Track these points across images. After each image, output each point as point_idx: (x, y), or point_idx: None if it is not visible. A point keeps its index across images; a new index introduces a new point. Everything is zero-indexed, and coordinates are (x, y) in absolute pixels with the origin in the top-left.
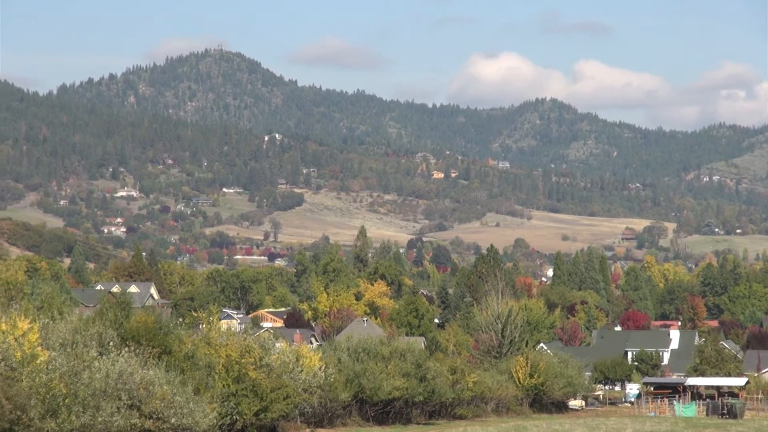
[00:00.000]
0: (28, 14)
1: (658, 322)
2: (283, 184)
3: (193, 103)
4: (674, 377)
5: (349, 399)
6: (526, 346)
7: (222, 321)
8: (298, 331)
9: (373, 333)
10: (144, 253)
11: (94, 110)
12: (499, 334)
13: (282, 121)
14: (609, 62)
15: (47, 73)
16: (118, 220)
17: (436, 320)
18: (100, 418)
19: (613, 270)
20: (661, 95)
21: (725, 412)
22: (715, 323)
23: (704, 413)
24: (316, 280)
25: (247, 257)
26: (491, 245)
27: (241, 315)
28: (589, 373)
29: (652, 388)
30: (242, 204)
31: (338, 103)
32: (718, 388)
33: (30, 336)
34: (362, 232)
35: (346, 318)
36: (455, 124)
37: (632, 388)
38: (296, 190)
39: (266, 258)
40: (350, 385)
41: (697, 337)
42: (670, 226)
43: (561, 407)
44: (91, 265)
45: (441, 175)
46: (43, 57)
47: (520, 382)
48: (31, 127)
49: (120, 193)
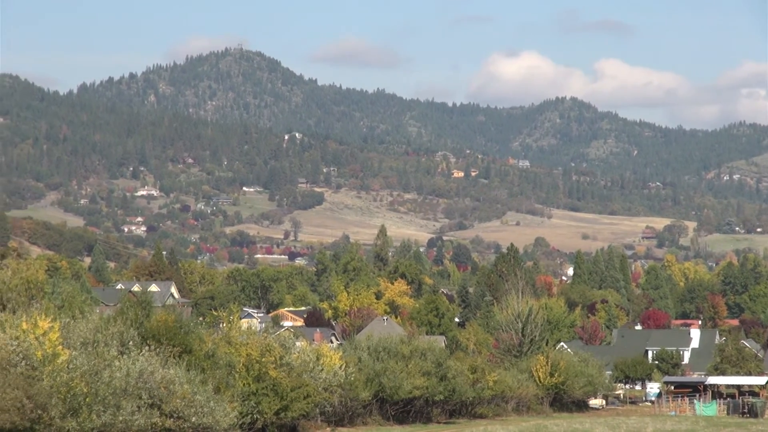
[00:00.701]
0: (48, 13)
1: (679, 321)
2: (303, 183)
3: (214, 102)
4: (695, 376)
5: (370, 398)
6: (546, 345)
7: (242, 320)
8: (318, 330)
9: (393, 332)
10: (164, 252)
11: (115, 109)
12: (520, 333)
13: (302, 120)
14: (629, 61)
15: (67, 72)
16: (139, 219)
17: (456, 319)
18: (120, 417)
19: (633, 269)
20: (681, 94)
21: (746, 411)
22: (735, 322)
23: (725, 412)
24: (337, 279)
25: (268, 256)
26: (511, 244)
27: (261, 314)
28: (610, 372)
29: (672, 387)
30: (262, 203)
31: (358, 102)
32: (738, 387)
33: (51, 335)
34: (382, 231)
35: (367, 317)
36: (475, 123)
37: (653, 387)
38: (316, 189)
39: (286, 257)
40: (370, 384)
41: (717, 336)
42: (691, 224)
43: (581, 406)
44: (112, 264)
45: (461, 174)
46: (63, 56)
47: (540, 381)
48: (52, 126)
49: (140, 192)
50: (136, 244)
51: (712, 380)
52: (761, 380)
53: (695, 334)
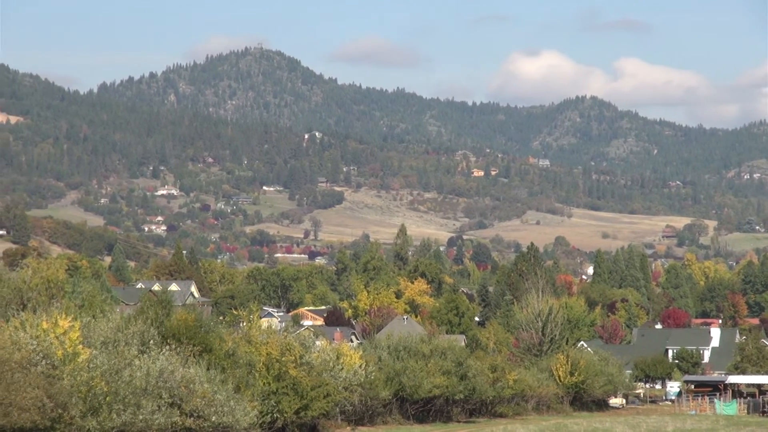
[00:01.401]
0: (68, 13)
1: (699, 320)
2: (323, 182)
3: (233, 102)
4: (715, 375)
5: (390, 397)
6: (566, 344)
7: (262, 319)
8: (338, 329)
9: (413, 331)
10: (184, 252)
11: (135, 109)
12: (540, 332)
13: (322, 120)
14: (649, 60)
15: (88, 71)
16: (159, 218)
17: (476, 318)
18: (140, 416)
19: (653, 268)
20: (701, 93)
21: (766, 410)
22: (755, 321)
23: (745, 411)
24: (357, 278)
25: (288, 255)
26: (531, 243)
27: (281, 313)
28: (630, 371)
29: (692, 386)
30: (282, 202)
31: (378, 101)
32: (759, 386)
33: (71, 334)
34: (402, 230)
35: (387, 316)
36: (495, 122)
37: (673, 386)
38: (336, 188)
39: (306, 256)
40: (390, 383)
41: (737, 335)
42: (711, 223)
43: (601, 405)
44: (132, 264)
45: (481, 173)
46: (83, 55)
47: (560, 381)
48: (72, 125)
49: (160, 192)
50: (156, 244)
51: (733, 379)
52: None
53: (715, 333)
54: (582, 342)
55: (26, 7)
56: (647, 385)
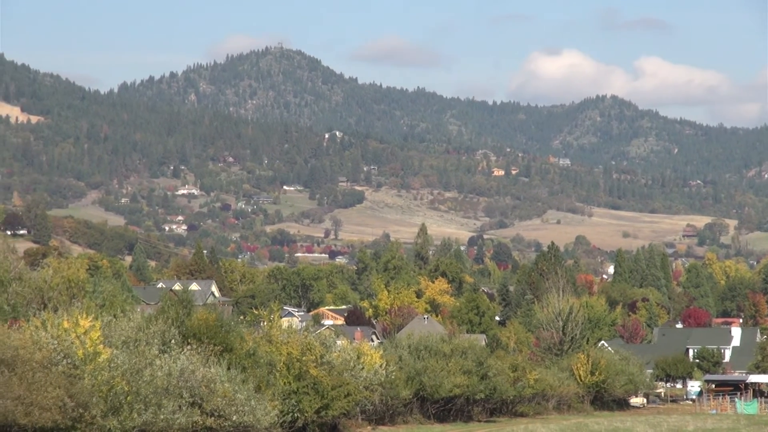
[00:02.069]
0: (89, 13)
1: (720, 320)
2: (343, 181)
3: (254, 101)
4: (736, 375)
5: (410, 396)
6: (587, 343)
7: (283, 319)
8: (359, 328)
9: (433, 330)
10: (205, 251)
11: (155, 108)
12: (560, 332)
13: (342, 119)
14: (670, 59)
15: (108, 71)
16: (179, 217)
17: (497, 318)
18: (161, 416)
19: (674, 267)
20: (722, 92)
21: None
22: None
23: (766, 411)
24: (377, 278)
25: (308, 255)
26: (552, 242)
27: (302, 313)
28: (651, 371)
29: (713, 386)
30: (303, 202)
31: (398, 100)
32: None
33: (92, 334)
34: (423, 229)
35: (407, 315)
36: (516, 121)
37: (693, 386)
38: (357, 187)
39: (327, 256)
40: (411, 383)
41: (758, 335)
42: (732, 223)
43: (622, 405)
44: (152, 263)
45: (501, 173)
46: (104, 55)
47: (581, 380)
48: (93, 125)
49: (181, 191)
50: (176, 243)
51: (753, 378)
52: None
53: (736, 332)
54: (603, 341)
55: (46, 7)
56: (668, 385)
